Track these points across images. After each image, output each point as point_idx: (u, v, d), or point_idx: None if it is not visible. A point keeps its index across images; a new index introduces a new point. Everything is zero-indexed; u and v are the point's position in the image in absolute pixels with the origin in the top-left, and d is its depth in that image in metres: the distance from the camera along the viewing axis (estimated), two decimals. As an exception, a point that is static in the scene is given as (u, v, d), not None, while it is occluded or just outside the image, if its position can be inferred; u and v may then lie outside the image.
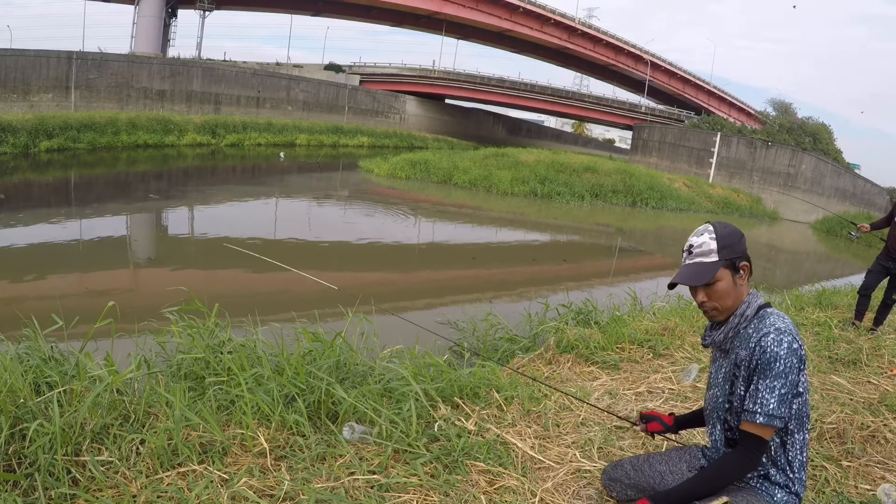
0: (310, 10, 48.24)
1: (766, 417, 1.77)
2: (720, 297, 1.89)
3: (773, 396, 1.77)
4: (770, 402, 1.77)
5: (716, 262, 1.88)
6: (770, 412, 1.77)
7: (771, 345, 1.78)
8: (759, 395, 1.79)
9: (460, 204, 18.31)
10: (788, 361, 1.77)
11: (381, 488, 2.27)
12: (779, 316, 1.86)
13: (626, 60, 51.68)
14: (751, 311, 1.90)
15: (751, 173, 28.79)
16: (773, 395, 1.77)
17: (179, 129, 26.32)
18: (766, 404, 1.77)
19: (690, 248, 1.94)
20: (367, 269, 9.85)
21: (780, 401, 1.77)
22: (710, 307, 1.91)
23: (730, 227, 1.95)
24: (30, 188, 14.79)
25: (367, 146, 35.05)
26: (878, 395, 3.73)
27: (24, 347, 3.02)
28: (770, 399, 1.77)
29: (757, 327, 1.86)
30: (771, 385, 1.77)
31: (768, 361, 1.78)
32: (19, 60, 23.36)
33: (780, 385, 1.77)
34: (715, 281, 1.88)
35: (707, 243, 1.90)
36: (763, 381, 1.79)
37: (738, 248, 1.90)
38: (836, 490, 2.58)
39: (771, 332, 1.80)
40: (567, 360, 4.23)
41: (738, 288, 1.91)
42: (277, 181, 19.90)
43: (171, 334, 3.53)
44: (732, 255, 1.89)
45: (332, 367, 3.13)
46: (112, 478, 2.15)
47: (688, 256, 1.94)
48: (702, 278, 1.87)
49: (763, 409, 1.77)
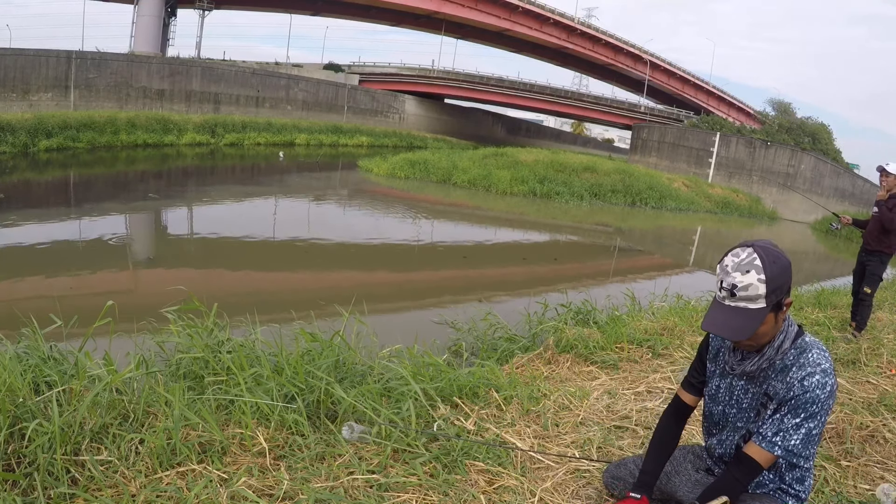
0: (309, 9, 48.22)
1: (785, 452, 1.72)
2: (758, 338, 1.73)
3: (798, 434, 1.71)
4: (793, 439, 1.71)
5: (762, 308, 1.64)
6: (790, 448, 1.71)
7: (815, 388, 1.68)
8: (785, 428, 1.71)
9: (459, 203, 18.31)
10: (827, 404, 1.69)
11: (380, 488, 2.27)
12: (820, 350, 1.74)
13: (625, 60, 51.69)
14: (788, 343, 1.76)
15: (750, 173, 28.81)
16: (799, 432, 1.70)
17: (179, 129, 26.30)
18: (788, 440, 1.71)
19: (733, 289, 1.65)
20: (367, 268, 9.84)
21: (805, 440, 1.71)
22: (745, 345, 1.77)
23: (779, 259, 1.67)
24: (29, 188, 14.78)
25: (367, 146, 35.03)
26: (877, 394, 3.74)
27: (24, 347, 3.02)
28: (794, 436, 1.71)
29: (797, 362, 1.73)
30: (799, 424, 1.70)
31: (806, 402, 1.69)
32: (19, 60, 23.32)
33: (812, 426, 1.70)
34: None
35: (755, 286, 1.63)
36: (793, 419, 1.71)
37: (786, 286, 1.67)
38: (835, 490, 2.58)
39: (817, 372, 1.69)
40: (566, 360, 4.23)
41: (775, 328, 1.73)
42: (277, 181, 19.90)
43: (169, 334, 3.52)
44: (780, 297, 1.67)
45: (331, 367, 3.14)
46: (111, 477, 2.14)
47: (728, 297, 1.67)
48: (746, 332, 1.65)
49: (784, 443, 1.71)
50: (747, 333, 1.65)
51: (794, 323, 1.81)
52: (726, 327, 1.66)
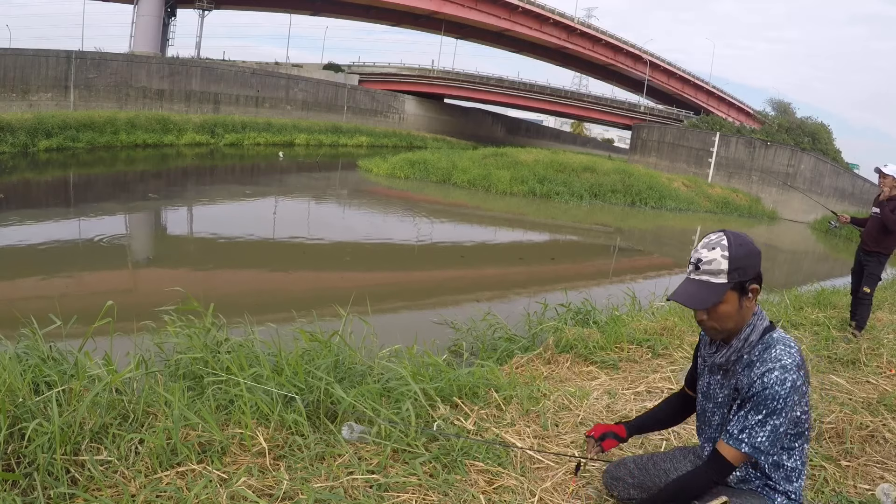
0: (309, 9, 48.23)
1: (752, 449, 1.73)
2: (721, 319, 1.76)
3: (763, 431, 1.72)
4: (758, 436, 1.72)
5: (723, 284, 1.72)
6: (756, 445, 1.73)
7: (773, 384, 1.69)
8: (750, 425, 1.73)
9: (459, 204, 18.31)
10: (790, 399, 1.70)
11: (380, 488, 2.27)
12: (785, 346, 1.76)
13: (625, 60, 51.71)
14: (755, 336, 1.79)
15: (750, 173, 28.81)
16: (765, 429, 1.72)
17: (178, 129, 26.29)
18: (754, 437, 1.73)
19: (698, 263, 1.75)
20: (366, 268, 9.84)
21: (771, 438, 1.72)
22: (709, 326, 1.81)
23: (746, 244, 1.76)
24: (28, 187, 14.77)
25: (366, 146, 35.03)
26: (876, 394, 3.74)
27: (23, 347, 3.02)
28: (759, 433, 1.72)
29: (761, 357, 1.75)
30: (764, 421, 1.72)
31: (767, 399, 1.70)
32: (18, 60, 23.32)
33: (777, 423, 1.71)
34: (719, 302, 1.74)
35: (718, 261, 1.72)
36: (756, 416, 1.72)
37: (750, 270, 1.74)
38: (834, 490, 2.58)
39: (776, 368, 1.71)
40: (566, 360, 4.23)
41: (743, 311, 1.77)
42: (276, 181, 19.89)
43: (168, 334, 3.52)
44: (743, 278, 1.73)
45: (331, 367, 3.13)
46: (111, 477, 2.14)
47: (693, 271, 1.76)
48: (704, 302, 1.73)
49: (750, 440, 1.73)
50: (705, 304, 1.72)
51: (766, 318, 1.83)
52: (687, 295, 1.74)
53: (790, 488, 1.87)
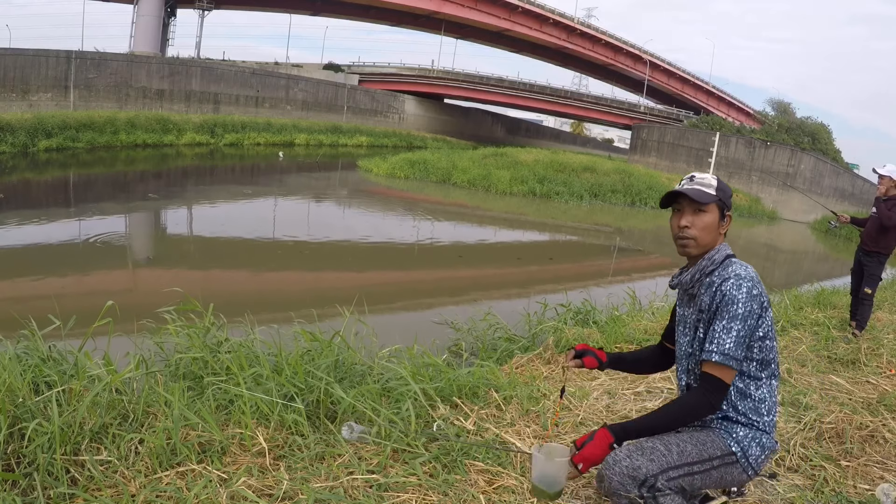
0: (309, 9, 48.25)
1: (722, 356, 1.80)
2: (702, 228, 1.95)
3: (729, 337, 1.81)
4: (726, 342, 1.81)
5: (713, 195, 1.95)
6: (725, 351, 1.80)
7: (730, 289, 1.84)
8: (716, 335, 1.83)
9: (459, 203, 18.32)
10: (748, 306, 1.82)
11: (379, 488, 2.27)
12: (741, 265, 1.92)
13: (624, 60, 51.73)
14: (719, 256, 1.96)
15: (749, 173, 28.81)
16: (730, 335, 1.81)
17: (178, 129, 26.30)
18: (721, 344, 1.81)
19: (692, 177, 2.01)
20: (365, 268, 9.84)
21: (736, 342, 1.81)
22: (690, 234, 1.96)
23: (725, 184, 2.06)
24: (28, 187, 14.77)
25: (366, 146, 35.04)
26: (876, 394, 3.74)
27: (23, 347, 3.02)
28: (726, 339, 1.81)
29: (720, 273, 1.91)
30: (728, 326, 1.82)
31: (726, 304, 1.83)
32: (18, 60, 23.33)
33: (737, 327, 1.81)
34: (706, 211, 1.94)
35: (709, 179, 1.99)
36: (720, 323, 1.83)
37: (728, 199, 1.99)
38: (834, 490, 2.58)
39: (731, 277, 1.87)
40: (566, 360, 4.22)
41: (717, 232, 1.97)
42: (276, 181, 19.89)
43: (168, 334, 3.52)
44: (725, 199, 1.98)
45: (331, 367, 3.13)
46: (111, 477, 2.14)
47: (689, 182, 2.00)
48: (703, 198, 1.93)
49: (719, 348, 1.81)
50: (705, 199, 1.92)
51: (729, 249, 2.01)
52: (691, 191, 1.94)
53: (759, 420, 1.91)
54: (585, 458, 1.81)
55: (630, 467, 1.78)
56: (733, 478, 1.92)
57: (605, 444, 1.81)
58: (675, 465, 1.81)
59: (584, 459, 1.81)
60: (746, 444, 1.89)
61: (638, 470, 1.77)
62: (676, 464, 1.82)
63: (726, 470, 1.89)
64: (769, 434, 1.93)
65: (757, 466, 1.91)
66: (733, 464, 1.89)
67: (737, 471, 1.90)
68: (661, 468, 1.79)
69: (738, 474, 1.91)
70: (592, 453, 1.81)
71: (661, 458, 1.81)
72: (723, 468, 1.88)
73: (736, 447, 1.89)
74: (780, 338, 5.06)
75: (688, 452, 1.85)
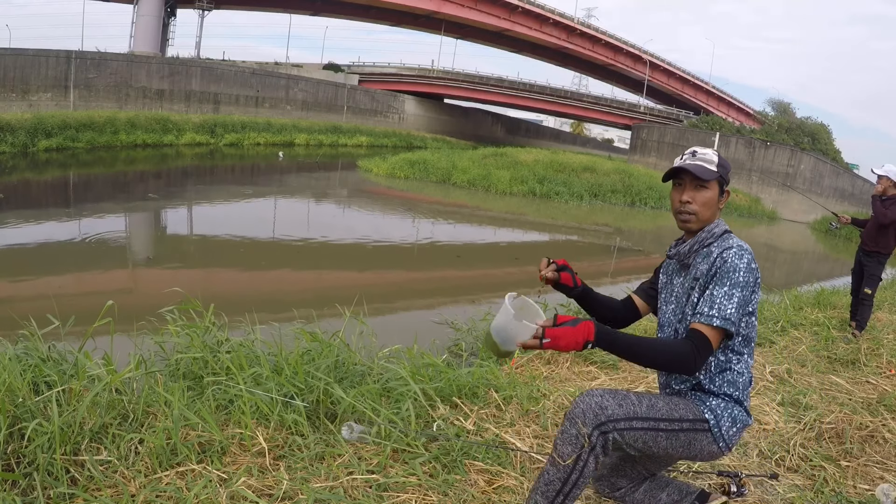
0: (309, 9, 48.25)
1: (723, 321, 1.79)
2: (703, 203, 1.96)
3: (731, 302, 1.81)
4: (728, 307, 1.80)
5: (715, 171, 1.96)
6: (727, 316, 1.80)
7: (733, 257, 1.85)
8: (717, 300, 1.82)
9: (459, 204, 18.31)
10: (747, 276, 1.84)
11: (379, 488, 2.27)
12: (739, 241, 1.94)
13: (624, 60, 51.73)
14: (718, 230, 1.98)
15: (749, 173, 28.81)
16: (732, 301, 1.81)
17: (178, 129, 26.29)
18: (723, 309, 1.80)
19: (694, 152, 2.02)
20: (365, 268, 9.84)
21: (738, 308, 1.81)
22: (690, 210, 1.97)
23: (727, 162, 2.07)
24: (28, 187, 14.77)
25: (366, 146, 35.03)
26: (876, 395, 3.74)
27: (23, 347, 3.02)
28: (728, 305, 1.81)
29: (720, 244, 1.93)
30: (730, 293, 1.82)
31: (728, 271, 1.84)
32: (18, 60, 23.32)
33: (738, 294, 1.82)
34: (707, 187, 1.96)
35: (710, 156, 1.99)
36: (721, 289, 1.83)
37: (727, 175, 2.01)
38: (834, 490, 2.58)
39: (734, 247, 1.88)
40: (566, 360, 4.23)
41: (716, 208, 1.99)
42: (276, 181, 19.89)
43: (167, 334, 3.52)
44: (725, 176, 2.00)
45: (331, 367, 3.13)
46: (111, 477, 2.14)
47: (690, 157, 2.00)
48: (706, 174, 1.94)
49: (721, 312, 1.80)
50: (707, 176, 1.93)
51: (727, 225, 2.03)
52: (694, 167, 1.94)
53: (735, 394, 1.92)
54: (555, 337, 1.66)
55: (598, 405, 1.77)
56: (702, 447, 1.89)
57: (582, 338, 1.67)
58: (642, 416, 1.80)
59: (553, 337, 1.66)
60: (720, 413, 1.89)
61: (604, 410, 1.76)
62: (644, 416, 1.81)
63: (695, 436, 1.87)
64: (745, 407, 1.93)
65: (729, 439, 1.90)
66: (704, 431, 1.88)
67: (706, 439, 1.88)
68: (627, 415, 1.78)
69: (709, 444, 1.89)
70: (565, 337, 1.66)
71: (629, 406, 1.80)
72: (692, 433, 1.87)
73: (709, 414, 1.89)
74: (780, 338, 5.07)
75: (658, 408, 1.84)
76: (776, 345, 4.86)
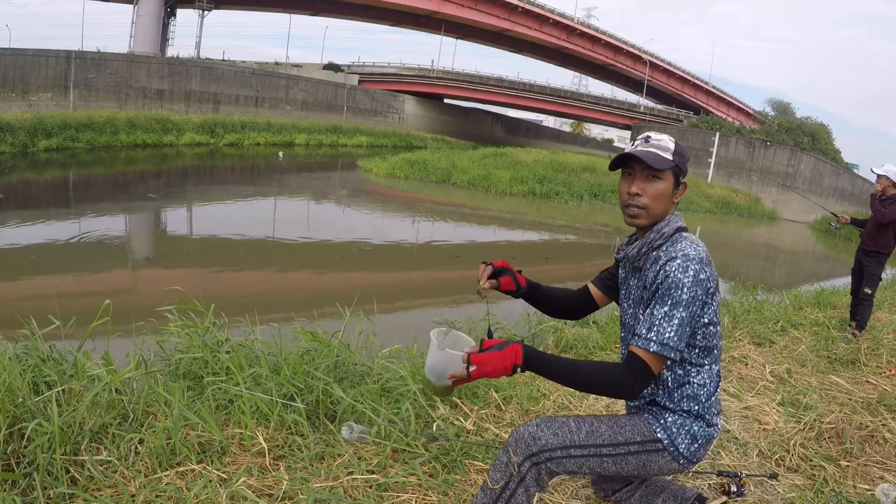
0: (309, 9, 48.25)
1: (660, 346, 1.61)
2: (655, 197, 1.74)
3: (670, 325, 1.61)
4: (667, 331, 1.61)
5: (669, 160, 1.73)
6: (665, 341, 1.61)
7: (675, 271, 1.63)
8: (656, 321, 1.63)
9: (459, 204, 18.31)
10: (693, 291, 1.63)
11: (379, 487, 2.27)
12: (691, 242, 1.71)
13: (624, 60, 51.73)
14: (669, 229, 1.76)
15: (749, 173, 28.83)
16: (671, 323, 1.61)
17: (178, 129, 26.30)
18: (662, 332, 1.61)
19: (648, 138, 1.79)
20: (365, 268, 9.85)
21: (678, 331, 1.62)
22: (640, 203, 1.75)
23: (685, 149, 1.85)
24: (28, 187, 14.77)
25: (366, 146, 35.04)
26: (876, 394, 3.74)
27: (23, 347, 3.02)
28: (667, 328, 1.61)
29: (667, 250, 1.71)
30: (670, 313, 1.62)
31: (670, 287, 1.63)
32: (18, 60, 23.33)
33: (679, 314, 1.62)
34: (660, 178, 1.74)
35: (665, 142, 1.77)
36: (662, 308, 1.63)
37: (685, 164, 1.79)
38: (834, 490, 2.58)
39: (678, 257, 1.66)
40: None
41: (670, 202, 1.77)
42: (276, 181, 19.90)
43: (167, 334, 3.52)
44: (682, 165, 1.77)
45: (330, 367, 3.13)
46: (111, 477, 2.14)
47: (643, 144, 1.77)
48: (659, 163, 1.71)
49: (659, 336, 1.61)
50: (661, 165, 1.70)
51: (682, 221, 1.82)
52: (646, 155, 1.72)
53: (696, 408, 1.76)
54: (481, 364, 1.58)
55: (532, 435, 1.69)
56: (661, 466, 1.77)
57: (510, 362, 1.58)
58: (580, 444, 1.70)
59: (479, 363, 1.58)
60: (675, 433, 1.74)
61: (537, 441, 1.68)
62: (582, 443, 1.70)
63: (649, 457, 1.74)
64: (707, 420, 1.78)
65: (690, 455, 1.76)
66: (658, 451, 1.74)
67: (663, 459, 1.75)
68: (563, 444, 1.69)
69: (667, 463, 1.76)
70: (491, 363, 1.58)
71: (566, 435, 1.70)
72: (644, 455, 1.74)
73: (662, 434, 1.74)
74: (780, 338, 5.07)
75: (599, 434, 1.72)
76: (776, 345, 4.85)
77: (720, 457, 2.81)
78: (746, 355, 4.33)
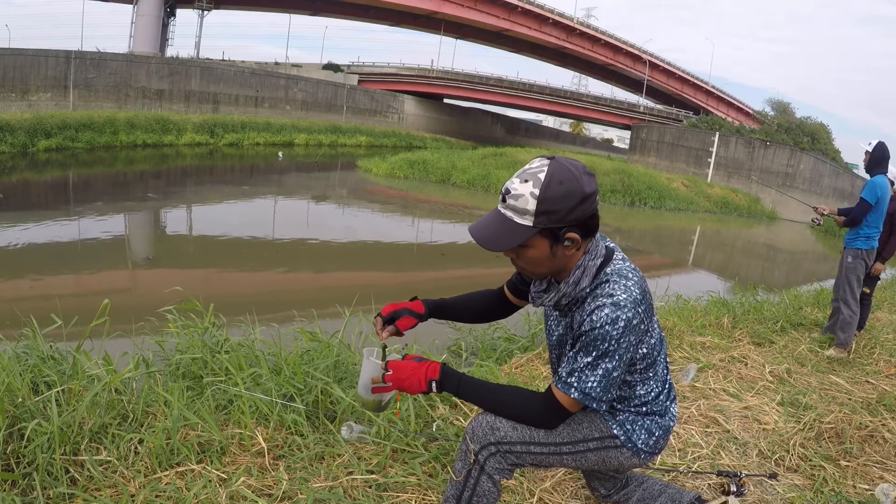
0: (308, 9, 48.26)
1: (582, 395, 1.53)
2: (531, 263, 1.54)
3: (594, 375, 1.52)
4: (589, 380, 1.52)
5: (528, 227, 1.45)
6: (586, 390, 1.53)
7: (603, 323, 1.47)
8: (579, 368, 1.53)
9: (458, 203, 18.31)
10: (624, 340, 1.49)
11: (379, 487, 2.27)
12: (620, 279, 1.52)
13: (624, 60, 51.74)
14: (587, 279, 1.54)
15: (749, 173, 28.84)
16: (595, 373, 1.51)
17: (178, 129, 26.28)
18: (584, 381, 1.52)
19: (506, 194, 1.48)
20: (365, 268, 9.84)
21: (603, 381, 1.52)
22: (518, 266, 1.59)
23: (569, 181, 1.42)
24: (28, 187, 14.77)
25: (366, 146, 35.04)
26: (876, 394, 3.74)
27: (22, 347, 3.02)
28: (590, 377, 1.52)
29: (593, 293, 1.53)
30: (593, 363, 1.51)
31: (596, 339, 1.49)
32: (17, 60, 23.32)
33: (606, 366, 1.51)
34: (527, 245, 1.49)
35: (525, 199, 1.43)
36: (585, 357, 1.52)
37: (567, 215, 1.44)
38: (834, 490, 2.58)
39: (607, 305, 1.48)
40: (565, 360, 4.23)
41: (561, 258, 1.52)
42: (276, 181, 19.89)
43: (167, 334, 3.52)
44: (554, 224, 1.44)
45: (330, 367, 3.13)
46: (110, 477, 2.14)
47: (501, 203, 1.50)
48: (500, 245, 1.47)
49: (581, 385, 1.53)
50: (500, 247, 1.47)
51: (602, 253, 1.59)
52: (485, 231, 1.49)
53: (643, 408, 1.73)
54: (397, 369, 1.56)
55: (490, 425, 1.64)
56: (621, 461, 1.74)
57: (426, 377, 1.57)
58: (539, 441, 1.66)
59: (395, 368, 1.57)
60: (630, 429, 1.71)
61: (495, 431, 1.63)
62: (541, 441, 1.66)
63: (608, 453, 1.72)
64: (660, 413, 1.74)
65: (649, 449, 1.73)
66: (616, 448, 1.72)
67: (623, 454, 1.72)
68: (522, 440, 1.64)
69: (628, 458, 1.73)
70: (406, 370, 1.57)
71: (525, 431, 1.64)
72: (603, 451, 1.71)
73: (618, 430, 1.71)
74: (779, 338, 5.06)
75: (557, 431, 1.68)
76: (776, 344, 4.86)
77: (720, 457, 2.81)
78: (746, 355, 4.33)
